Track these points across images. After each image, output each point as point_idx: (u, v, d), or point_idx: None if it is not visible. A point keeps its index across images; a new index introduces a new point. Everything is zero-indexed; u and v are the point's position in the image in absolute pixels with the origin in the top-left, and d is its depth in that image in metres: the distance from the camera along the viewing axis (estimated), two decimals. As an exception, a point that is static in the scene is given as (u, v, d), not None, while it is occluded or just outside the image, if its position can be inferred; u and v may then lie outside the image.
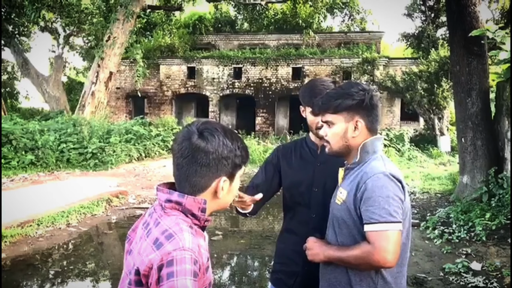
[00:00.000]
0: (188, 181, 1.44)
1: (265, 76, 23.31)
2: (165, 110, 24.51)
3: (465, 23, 8.61)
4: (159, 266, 1.27)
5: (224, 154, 1.42)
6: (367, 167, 1.87)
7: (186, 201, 1.41)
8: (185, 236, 1.33)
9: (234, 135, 1.48)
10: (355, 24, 26.53)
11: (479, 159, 8.71)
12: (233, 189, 1.52)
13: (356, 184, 1.86)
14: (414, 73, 19.09)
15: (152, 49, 23.44)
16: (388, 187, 1.79)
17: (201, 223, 1.45)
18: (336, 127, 1.93)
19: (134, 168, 13.31)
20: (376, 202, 1.76)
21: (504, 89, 8.60)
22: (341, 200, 1.92)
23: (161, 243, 1.32)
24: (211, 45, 25.92)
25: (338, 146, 1.95)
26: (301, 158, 2.41)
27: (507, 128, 8.43)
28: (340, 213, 1.92)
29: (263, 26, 26.33)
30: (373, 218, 1.76)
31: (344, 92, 1.91)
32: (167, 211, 1.42)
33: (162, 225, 1.38)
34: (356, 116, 1.91)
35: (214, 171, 1.42)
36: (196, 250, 1.32)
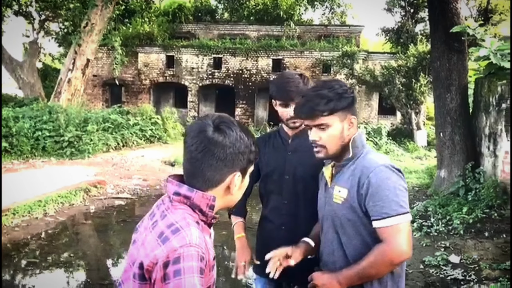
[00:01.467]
0: (202, 175, 1.39)
1: (245, 67, 23.21)
2: (143, 99, 24.18)
3: (446, 19, 8.69)
4: (165, 263, 1.23)
5: (241, 149, 1.39)
6: (365, 161, 1.84)
7: (194, 196, 1.37)
8: (192, 231, 1.29)
9: (248, 130, 1.46)
10: (335, 18, 26.61)
11: (456, 154, 8.85)
12: (244, 185, 1.48)
13: (356, 181, 1.81)
14: (392, 67, 19.25)
15: (130, 37, 23.03)
16: (392, 178, 1.77)
17: (208, 220, 1.41)
18: (333, 129, 1.86)
19: (111, 157, 13.11)
20: (384, 196, 1.72)
21: (482, 86, 8.75)
22: (341, 199, 1.86)
23: (167, 237, 1.27)
24: (191, 34, 25.62)
25: (336, 148, 1.89)
26: (274, 148, 2.57)
27: (484, 124, 8.58)
28: (343, 212, 1.86)
29: (243, 17, 26.16)
30: (384, 212, 1.71)
31: (335, 93, 1.85)
32: (175, 204, 1.38)
33: (169, 218, 1.34)
34: (349, 113, 1.89)
35: (230, 166, 1.39)
36: (203, 246, 1.29)
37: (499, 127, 7.88)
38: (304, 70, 22.53)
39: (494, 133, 8.10)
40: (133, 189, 9.73)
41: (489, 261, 5.43)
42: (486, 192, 7.64)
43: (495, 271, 5.08)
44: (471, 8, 20.59)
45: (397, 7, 23.45)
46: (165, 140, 17.74)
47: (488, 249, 5.85)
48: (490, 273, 5.05)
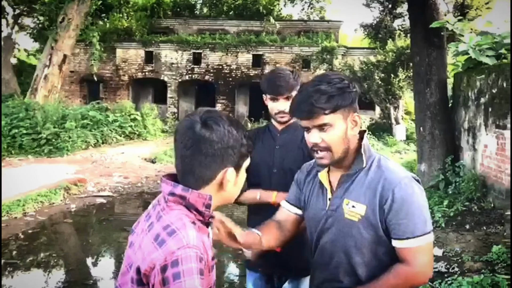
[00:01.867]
0: (192, 173, 1.36)
1: (225, 62, 23.11)
2: (122, 95, 23.86)
3: (426, 14, 8.78)
4: (163, 266, 1.19)
5: (230, 143, 1.34)
6: (385, 173, 1.62)
7: (190, 196, 1.33)
8: (189, 232, 1.25)
9: (238, 123, 1.41)
10: (314, 13, 26.68)
11: (436, 148, 8.98)
12: (239, 181, 1.43)
13: (377, 195, 1.59)
14: (371, 63, 19.40)
15: (108, 32, 22.67)
16: (418, 193, 1.59)
17: (205, 219, 1.37)
18: (336, 129, 1.62)
19: (91, 154, 12.93)
20: (410, 214, 1.55)
21: (461, 80, 8.89)
22: (357, 215, 1.62)
23: (163, 240, 1.23)
24: (170, 30, 25.36)
25: (341, 150, 1.65)
26: (262, 142, 2.60)
27: (463, 118, 8.72)
28: (359, 231, 1.62)
29: (223, 12, 26.03)
30: (409, 232, 1.55)
31: (336, 87, 1.60)
32: (170, 204, 1.34)
33: (164, 219, 1.30)
34: (351, 110, 1.65)
35: (219, 161, 1.35)
36: (201, 247, 1.25)
37: (478, 121, 8.01)
38: (284, 65, 22.51)
39: (473, 127, 8.24)
40: (114, 187, 9.62)
41: (471, 253, 5.52)
42: (466, 185, 7.77)
43: (477, 263, 5.17)
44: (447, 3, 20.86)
45: (375, 3, 23.59)
46: (145, 136, 17.58)
47: (470, 241, 5.95)
48: (472, 265, 5.13)
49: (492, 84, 7.43)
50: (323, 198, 1.76)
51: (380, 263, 1.64)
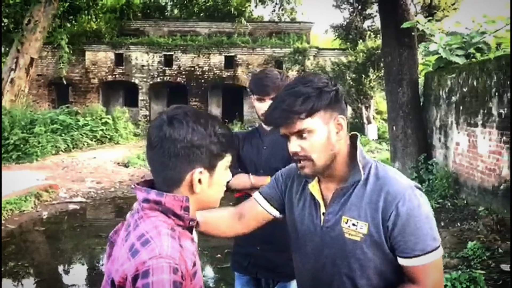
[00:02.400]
0: (160, 175, 1.29)
1: (197, 64, 22.97)
2: (91, 98, 23.44)
3: (397, 15, 8.90)
4: (134, 277, 1.13)
5: (194, 142, 1.24)
6: (386, 184, 1.45)
7: (165, 200, 1.25)
8: (163, 242, 1.18)
9: (209, 120, 1.30)
10: (285, 14, 26.80)
11: (409, 146, 9.11)
12: (216, 182, 1.32)
13: (380, 211, 1.43)
14: (343, 63, 19.62)
15: (76, 34, 22.21)
16: (423, 205, 1.43)
17: (186, 223, 1.29)
18: (316, 135, 1.43)
19: (62, 160, 12.62)
20: (418, 229, 1.39)
21: (432, 80, 9.06)
22: (359, 234, 1.45)
23: (137, 250, 1.17)
24: (140, 31, 25.05)
25: (324, 159, 1.46)
26: (250, 144, 2.61)
27: (435, 116, 8.88)
28: (363, 251, 1.46)
29: (193, 13, 25.87)
30: (417, 249, 1.39)
31: (311, 87, 1.42)
32: (146, 212, 1.26)
33: (140, 228, 1.23)
34: (334, 113, 1.45)
35: (185, 161, 1.25)
36: (176, 257, 1.17)
37: (449, 120, 8.17)
38: (256, 67, 22.56)
39: (444, 125, 8.40)
40: (87, 192, 9.41)
41: (447, 250, 5.60)
42: (439, 183, 7.91)
43: (453, 260, 5.25)
44: (416, 4, 21.29)
45: (345, 4, 23.90)
46: (116, 140, 17.29)
47: (445, 238, 6.03)
48: (449, 261, 5.20)
49: (463, 83, 7.58)
50: (316, 213, 1.58)
51: (386, 284, 1.49)
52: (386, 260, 1.46)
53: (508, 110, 6.14)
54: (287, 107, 1.41)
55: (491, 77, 6.60)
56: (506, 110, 6.19)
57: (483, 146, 6.86)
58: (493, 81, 6.53)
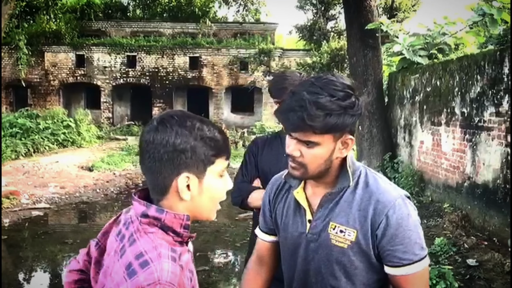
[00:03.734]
0: (150, 182, 1.24)
1: (161, 65, 22.69)
2: (52, 101, 22.79)
3: (361, 17, 9.05)
4: None
5: (179, 146, 1.19)
6: (376, 193, 1.43)
7: (165, 217, 1.20)
8: (163, 265, 1.13)
9: (197, 123, 1.23)
10: (250, 15, 26.82)
11: (375, 146, 9.28)
12: (207, 189, 1.25)
13: (369, 219, 1.41)
14: (307, 64, 19.77)
15: (35, 35, 21.55)
16: (412, 214, 1.42)
17: (184, 239, 1.25)
18: (321, 148, 1.38)
19: (22, 165, 12.18)
20: (406, 238, 1.38)
21: (396, 80, 9.25)
22: (347, 241, 1.43)
23: (134, 271, 1.12)
24: (102, 32, 24.53)
25: (318, 170, 1.42)
26: (271, 149, 2.48)
27: (399, 116, 9.08)
28: (349, 258, 1.44)
29: (156, 14, 25.54)
30: (405, 258, 1.38)
31: (338, 105, 1.32)
32: (144, 227, 1.21)
33: (138, 245, 1.17)
34: (346, 131, 1.39)
35: (170, 166, 1.20)
36: (175, 282, 1.13)
37: (413, 119, 8.36)
38: (221, 67, 22.51)
39: (409, 124, 8.59)
40: (51, 198, 9.13)
41: (415, 246, 5.72)
42: (405, 180, 8.09)
43: (422, 256, 5.37)
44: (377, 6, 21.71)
45: (308, 5, 24.12)
46: (79, 143, 16.87)
47: (413, 235, 6.17)
48: (418, 258, 5.32)
49: (426, 83, 7.78)
50: (301, 220, 1.53)
51: None
52: (372, 268, 1.45)
53: (470, 109, 6.33)
54: (306, 118, 1.31)
55: (453, 77, 6.80)
56: (468, 109, 6.38)
57: (447, 144, 7.06)
58: (456, 81, 6.72)
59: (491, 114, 5.80)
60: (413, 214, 1.42)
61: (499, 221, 5.61)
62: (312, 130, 1.33)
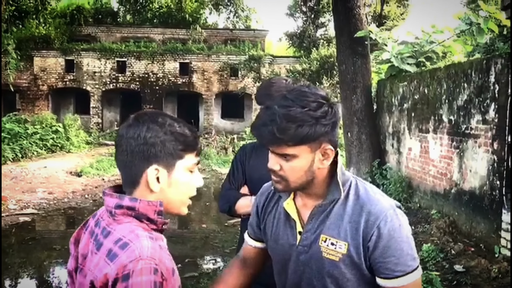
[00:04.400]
0: (123, 175, 1.31)
1: (151, 70, 22.67)
2: (41, 105, 22.66)
3: (351, 24, 9.13)
4: (114, 281, 1.14)
5: (148, 139, 1.26)
6: (367, 204, 1.41)
7: (139, 205, 1.26)
8: (143, 243, 1.19)
9: (168, 120, 1.32)
10: (240, 22, 26.91)
11: (364, 152, 9.33)
12: (176, 182, 1.31)
13: (360, 231, 1.40)
14: (297, 71, 19.87)
15: (24, 40, 21.42)
16: (404, 225, 1.40)
17: (159, 227, 1.30)
18: (299, 160, 1.37)
19: (10, 170, 12.08)
20: (398, 250, 1.36)
21: (385, 87, 9.34)
22: (338, 254, 1.42)
23: (116, 254, 1.17)
24: (91, 37, 24.47)
25: (300, 182, 1.42)
26: (259, 156, 2.45)
27: (388, 123, 9.16)
28: (341, 271, 1.43)
29: (147, 19, 25.54)
30: (398, 270, 1.36)
31: (309, 115, 1.31)
32: (118, 218, 1.26)
33: (115, 234, 1.23)
34: (324, 141, 1.37)
35: (140, 159, 1.27)
36: (156, 257, 1.18)
37: (401, 126, 8.44)
38: (212, 73, 22.55)
39: (397, 131, 8.67)
40: (39, 204, 9.06)
41: (403, 252, 5.77)
42: (393, 187, 8.15)
43: (410, 262, 5.42)
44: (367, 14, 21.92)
45: (298, 13, 24.27)
46: (68, 149, 16.77)
47: (401, 241, 6.21)
48: (405, 263, 5.36)
49: (414, 91, 7.86)
50: (291, 231, 1.52)
51: None
52: (364, 280, 1.43)
53: (457, 116, 6.42)
54: (276, 131, 1.31)
55: (441, 85, 6.89)
56: (455, 116, 6.46)
57: (435, 151, 7.13)
58: (443, 89, 6.81)
59: (477, 122, 5.89)
60: (404, 225, 1.41)
61: (486, 227, 5.68)
62: (285, 143, 1.33)
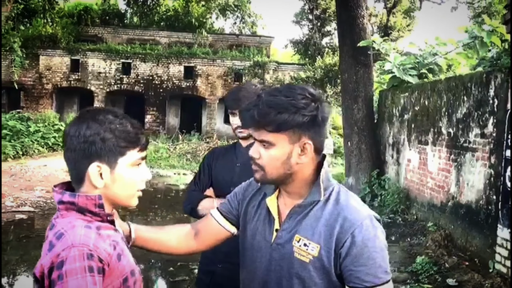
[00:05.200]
0: (69, 172, 1.36)
1: (156, 73, 22.73)
2: (45, 104, 22.71)
3: (354, 34, 9.16)
4: (49, 270, 1.19)
5: (87, 136, 1.29)
6: (344, 210, 1.40)
7: (78, 200, 1.30)
8: (77, 232, 1.24)
9: (110, 117, 1.33)
10: (246, 27, 27.02)
11: (363, 162, 9.32)
12: (119, 179, 1.34)
13: (334, 236, 1.38)
14: (301, 78, 19.93)
15: (31, 38, 21.55)
16: (379, 236, 1.38)
17: (103, 219, 1.34)
18: (277, 149, 1.39)
19: (10, 167, 12.11)
20: (371, 260, 1.34)
21: (386, 98, 9.33)
22: (309, 256, 1.41)
23: (52, 245, 1.23)
24: (98, 38, 24.58)
25: (277, 174, 1.43)
26: (225, 159, 2.50)
27: (388, 133, 9.14)
28: (309, 274, 1.41)
29: (153, 22, 25.66)
30: (368, 281, 1.34)
31: (290, 104, 1.35)
32: (62, 212, 1.31)
33: (57, 227, 1.29)
34: (304, 136, 1.39)
35: (82, 156, 1.30)
36: (89, 243, 1.22)
37: (401, 137, 8.42)
38: (216, 78, 22.59)
39: (397, 142, 8.65)
40: (36, 202, 9.06)
41: (396, 264, 5.74)
42: (391, 198, 8.12)
43: (403, 274, 5.38)
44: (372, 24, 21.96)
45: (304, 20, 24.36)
46: (69, 148, 16.79)
47: (395, 252, 6.18)
48: (398, 275, 5.33)
49: (415, 102, 7.85)
50: (269, 228, 1.52)
51: None
52: (332, 286, 1.41)
53: (456, 129, 6.39)
54: (257, 116, 1.37)
55: (441, 97, 6.87)
56: (454, 129, 6.44)
57: (433, 163, 7.11)
58: (443, 101, 6.79)
59: (476, 135, 5.86)
60: (380, 236, 1.38)
61: (481, 242, 5.64)
62: (263, 127, 1.37)
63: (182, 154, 17.00)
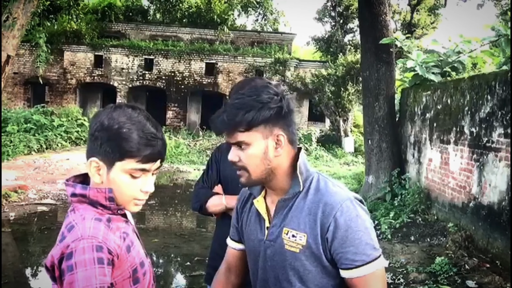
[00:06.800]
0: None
1: (178, 69, 22.89)
2: (68, 99, 23.11)
3: (376, 31, 9.04)
4: (59, 260, 1.23)
5: (94, 132, 1.33)
6: (324, 196, 1.45)
7: (89, 193, 1.33)
8: (86, 224, 1.28)
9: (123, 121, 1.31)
10: (268, 24, 26.96)
11: (383, 161, 9.20)
12: (114, 181, 1.33)
13: (318, 222, 1.42)
14: (322, 76, 19.80)
15: (56, 34, 21.92)
16: (362, 215, 1.42)
17: (114, 212, 1.37)
18: (253, 147, 1.43)
19: (34, 160, 12.36)
20: (357, 239, 1.38)
21: (408, 96, 9.19)
22: (298, 246, 1.45)
23: (64, 236, 1.27)
24: (121, 34, 24.87)
25: (260, 172, 1.46)
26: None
27: (409, 132, 9.01)
28: (302, 263, 1.45)
29: (176, 19, 25.81)
30: (357, 260, 1.37)
31: (255, 101, 1.40)
32: (75, 205, 1.35)
33: (68, 219, 1.33)
34: (275, 128, 1.44)
35: (88, 148, 1.37)
36: (99, 235, 1.25)
37: (423, 136, 8.29)
38: (237, 75, 22.62)
39: (418, 141, 8.52)
40: (58, 195, 9.22)
41: (415, 264, 5.67)
42: (411, 197, 8.00)
43: (421, 274, 5.31)
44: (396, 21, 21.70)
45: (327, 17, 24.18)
46: (92, 142, 17.04)
47: (415, 252, 6.11)
48: (417, 276, 5.26)
49: (437, 100, 7.72)
50: (260, 227, 1.57)
51: None
52: (326, 273, 1.45)
53: (479, 129, 6.27)
54: (227, 119, 1.41)
55: (464, 96, 6.74)
56: (477, 128, 6.31)
57: (455, 163, 6.98)
58: (466, 100, 6.66)
59: (499, 135, 5.73)
60: (362, 215, 1.43)
61: (503, 244, 5.52)
62: (235, 129, 1.42)
63: (202, 150, 17.09)
